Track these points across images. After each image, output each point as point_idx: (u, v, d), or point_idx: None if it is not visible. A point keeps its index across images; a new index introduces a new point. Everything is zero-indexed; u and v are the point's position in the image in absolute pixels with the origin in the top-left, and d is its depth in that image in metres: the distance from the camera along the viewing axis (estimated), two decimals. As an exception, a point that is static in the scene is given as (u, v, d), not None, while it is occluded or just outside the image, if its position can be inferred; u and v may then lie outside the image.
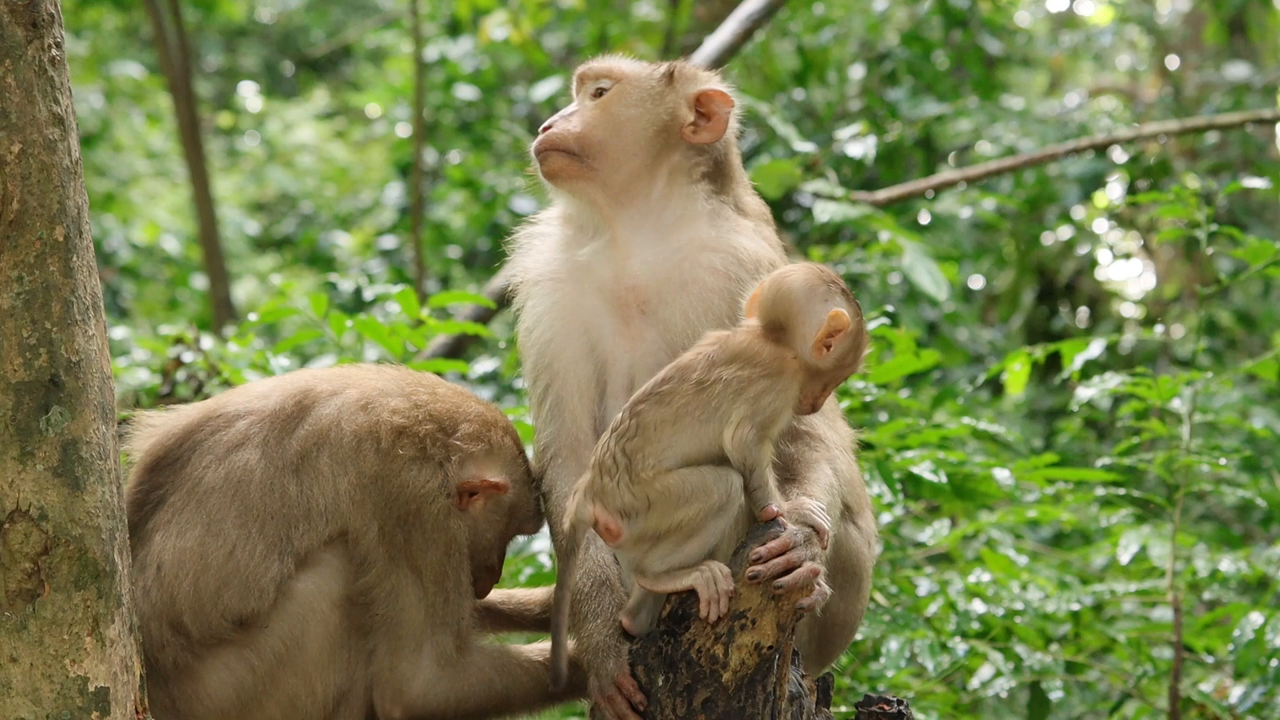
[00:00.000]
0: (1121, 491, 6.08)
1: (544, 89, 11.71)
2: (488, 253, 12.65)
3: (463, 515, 3.87)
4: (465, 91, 13.92)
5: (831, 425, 4.00)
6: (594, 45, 11.79)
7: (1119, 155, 10.43)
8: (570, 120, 4.05)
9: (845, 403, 5.29)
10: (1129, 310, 13.27)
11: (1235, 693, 5.42)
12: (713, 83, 4.09)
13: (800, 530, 3.62)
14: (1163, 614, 6.22)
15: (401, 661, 3.79)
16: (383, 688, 3.81)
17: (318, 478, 3.77)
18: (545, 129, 4.05)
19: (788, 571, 3.56)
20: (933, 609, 5.51)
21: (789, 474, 3.81)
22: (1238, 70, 12.39)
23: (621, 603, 3.81)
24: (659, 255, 3.98)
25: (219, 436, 3.82)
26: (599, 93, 4.06)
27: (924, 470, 5.18)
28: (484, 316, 7.87)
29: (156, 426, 3.92)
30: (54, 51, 3.36)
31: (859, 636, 5.19)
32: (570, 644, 3.82)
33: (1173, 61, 14.44)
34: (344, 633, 3.79)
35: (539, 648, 3.96)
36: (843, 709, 4.63)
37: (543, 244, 4.17)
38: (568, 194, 4.07)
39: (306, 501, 3.76)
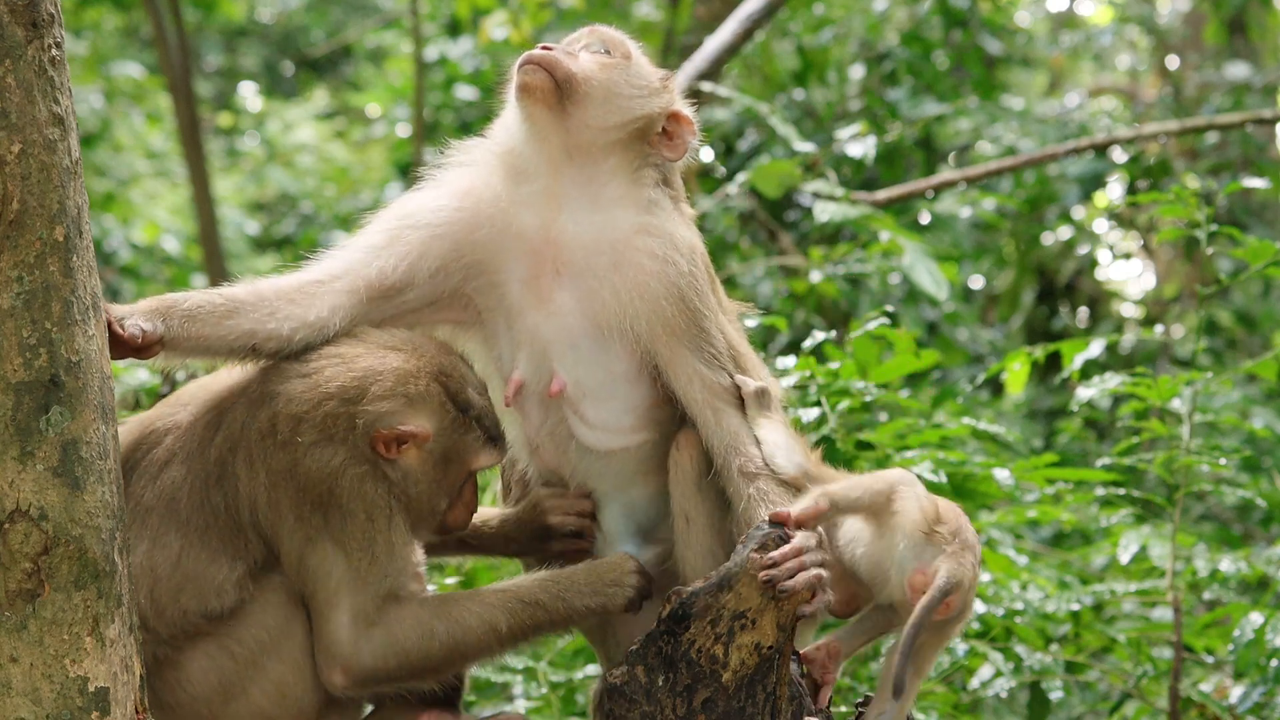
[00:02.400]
0: (1121, 491, 6.07)
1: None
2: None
3: (390, 472, 3.78)
4: (465, 91, 13.92)
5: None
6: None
7: (1119, 155, 10.43)
8: (572, 57, 4.00)
9: (845, 403, 5.29)
10: (1129, 310, 13.27)
11: (1235, 693, 5.41)
12: (688, 109, 4.11)
13: (809, 535, 3.63)
14: (1163, 614, 6.22)
15: (326, 625, 3.73)
16: (319, 659, 3.76)
17: (237, 484, 3.76)
18: (544, 48, 3.98)
19: (804, 569, 3.58)
20: (933, 609, 5.49)
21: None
22: (1238, 70, 12.40)
23: None
24: (592, 224, 3.96)
25: (152, 455, 3.82)
26: (607, 54, 4.04)
27: (924, 470, 5.17)
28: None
29: None
30: (54, 51, 3.36)
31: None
32: None
33: (1173, 61, 14.44)
34: None
35: (494, 588, 3.87)
36: (843, 709, 4.63)
37: (470, 175, 4.08)
38: (527, 118, 3.98)
39: (234, 511, 3.75)
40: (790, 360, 5.54)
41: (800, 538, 3.62)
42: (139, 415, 3.97)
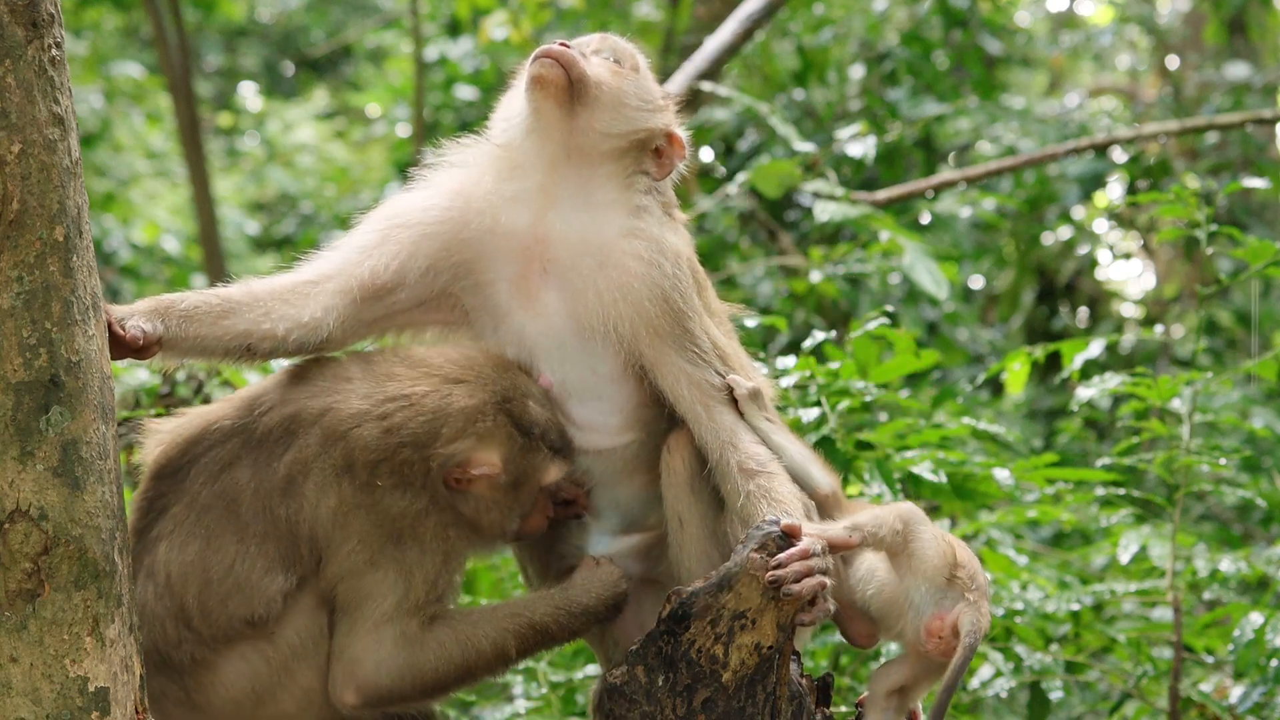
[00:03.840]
0: (1121, 491, 6.07)
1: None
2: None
3: (462, 504, 3.83)
4: (465, 91, 13.92)
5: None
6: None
7: (1119, 155, 10.44)
8: (587, 59, 4.00)
9: (845, 403, 5.29)
10: (1129, 310, 13.28)
11: (1235, 693, 5.41)
12: (683, 131, 4.14)
13: (817, 541, 3.63)
14: (1163, 614, 6.22)
15: (355, 643, 3.77)
16: (334, 674, 3.78)
17: (303, 501, 3.77)
18: (562, 44, 3.96)
19: (810, 574, 3.58)
20: (933, 609, 5.49)
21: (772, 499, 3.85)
22: (1238, 70, 12.40)
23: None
24: (581, 224, 3.98)
25: (214, 453, 3.83)
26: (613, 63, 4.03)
27: (924, 470, 5.17)
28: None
29: (164, 433, 3.92)
30: (54, 51, 3.36)
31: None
32: None
33: (1173, 61, 14.45)
34: None
35: (508, 611, 3.92)
36: (843, 709, 4.63)
37: (462, 175, 4.09)
38: (534, 111, 3.98)
39: (295, 525, 3.76)
40: (790, 360, 5.54)
41: (806, 541, 3.62)
42: (199, 409, 3.98)
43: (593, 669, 5.45)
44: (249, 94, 19.41)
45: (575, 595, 3.95)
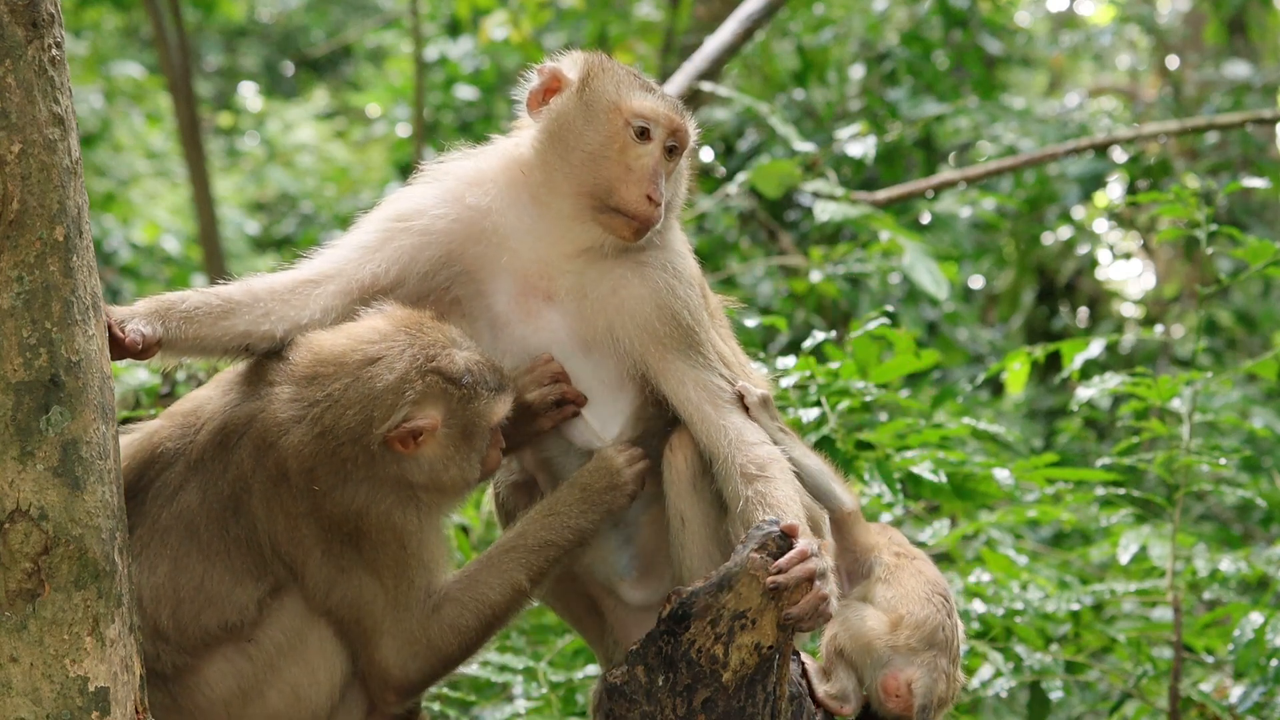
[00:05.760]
0: (1121, 491, 6.08)
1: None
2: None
3: (415, 473, 3.77)
4: (465, 91, 13.93)
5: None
6: (594, 46, 11.78)
7: (1119, 155, 10.44)
8: (663, 200, 3.97)
9: (845, 403, 5.29)
10: (1129, 310, 13.28)
11: (1235, 693, 5.42)
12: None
13: (813, 540, 3.63)
14: (1163, 614, 6.22)
15: (375, 652, 3.79)
16: (370, 683, 3.84)
17: (254, 520, 3.77)
18: (655, 203, 3.92)
19: (810, 580, 3.58)
20: (933, 609, 5.49)
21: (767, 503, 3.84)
22: (1238, 70, 12.41)
23: None
24: (596, 270, 3.97)
25: (164, 477, 3.81)
26: (671, 151, 3.99)
27: (924, 470, 5.18)
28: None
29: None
30: (54, 51, 3.36)
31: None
32: None
33: (1173, 61, 14.44)
34: None
35: (502, 547, 3.90)
36: (843, 709, 4.63)
37: (475, 183, 4.07)
38: (604, 230, 3.99)
39: (254, 543, 3.76)
40: (790, 360, 5.54)
41: (803, 542, 3.62)
42: (145, 425, 3.95)
43: (593, 669, 5.45)
44: (249, 94, 19.42)
45: (565, 497, 3.94)
